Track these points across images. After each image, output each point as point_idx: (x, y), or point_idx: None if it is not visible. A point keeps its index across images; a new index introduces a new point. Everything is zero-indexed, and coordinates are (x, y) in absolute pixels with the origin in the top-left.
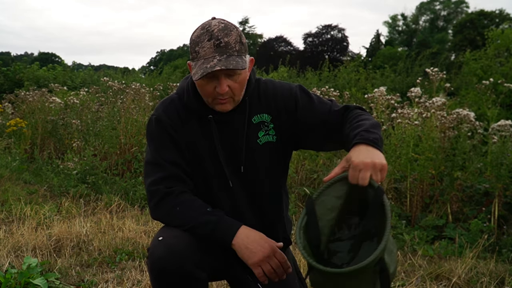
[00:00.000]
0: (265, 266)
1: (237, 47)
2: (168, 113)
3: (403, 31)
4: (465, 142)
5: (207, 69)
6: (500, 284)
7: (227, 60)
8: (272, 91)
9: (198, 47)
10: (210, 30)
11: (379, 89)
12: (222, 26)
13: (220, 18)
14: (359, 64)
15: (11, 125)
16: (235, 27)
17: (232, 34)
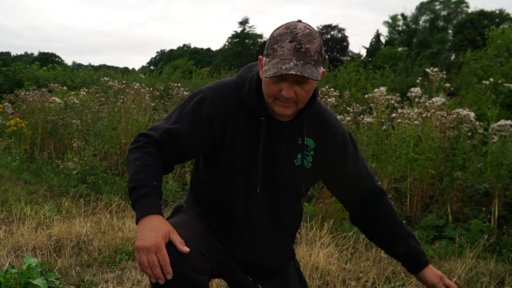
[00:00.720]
0: (143, 257)
1: (316, 57)
2: (217, 101)
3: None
4: (465, 142)
5: (281, 70)
6: (500, 284)
7: (303, 67)
8: (328, 122)
9: (277, 45)
10: (295, 32)
11: (379, 89)
12: (307, 32)
13: (306, 23)
14: (359, 64)
15: (11, 125)
16: (318, 36)
17: (315, 42)
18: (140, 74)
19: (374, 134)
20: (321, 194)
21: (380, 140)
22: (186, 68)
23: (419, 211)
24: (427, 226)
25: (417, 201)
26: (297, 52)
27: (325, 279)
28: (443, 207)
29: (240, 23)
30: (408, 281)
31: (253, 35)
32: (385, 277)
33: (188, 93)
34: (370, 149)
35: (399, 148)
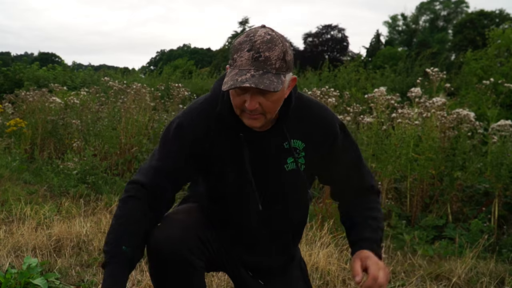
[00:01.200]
0: None
1: (278, 65)
2: (195, 124)
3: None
4: (465, 142)
5: (237, 83)
6: (500, 284)
7: (260, 78)
8: (314, 118)
9: (236, 54)
10: (253, 40)
11: (379, 89)
12: (267, 39)
13: (269, 28)
14: (359, 64)
15: (11, 125)
16: (281, 42)
17: (276, 49)
18: (140, 74)
19: (374, 134)
20: (321, 194)
21: (380, 140)
22: (186, 68)
23: (419, 211)
24: (427, 226)
25: (417, 201)
26: (255, 61)
27: (325, 279)
28: (443, 207)
29: (240, 23)
30: (408, 281)
31: None
32: None
33: (189, 93)
34: (370, 149)
35: (399, 148)
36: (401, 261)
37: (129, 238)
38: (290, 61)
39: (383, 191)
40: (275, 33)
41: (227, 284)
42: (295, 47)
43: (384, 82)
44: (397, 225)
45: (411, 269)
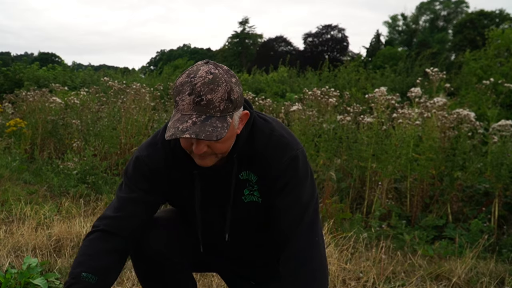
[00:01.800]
0: None
1: (222, 106)
2: (152, 158)
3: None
4: (465, 142)
5: (177, 132)
6: (500, 284)
7: (202, 125)
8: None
9: (178, 97)
10: (193, 83)
11: (380, 89)
12: (208, 79)
13: (212, 65)
14: (359, 64)
15: (11, 125)
16: (225, 81)
17: (219, 90)
18: (140, 74)
19: (374, 134)
20: (321, 194)
21: (380, 140)
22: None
23: (419, 211)
24: (427, 226)
25: (417, 201)
26: (197, 105)
27: None
28: (443, 207)
29: (240, 23)
30: (408, 281)
31: (253, 35)
32: (385, 277)
33: None
34: (370, 149)
35: (400, 148)
36: (401, 261)
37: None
38: (238, 98)
39: (383, 191)
40: (218, 70)
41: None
42: (295, 47)
43: (384, 82)
44: (397, 225)
45: (411, 269)
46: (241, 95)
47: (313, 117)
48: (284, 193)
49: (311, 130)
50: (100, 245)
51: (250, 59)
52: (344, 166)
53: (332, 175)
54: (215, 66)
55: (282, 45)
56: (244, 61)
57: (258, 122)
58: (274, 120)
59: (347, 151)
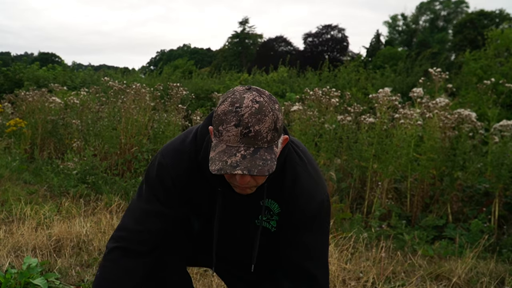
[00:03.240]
0: None
1: (270, 137)
2: (176, 167)
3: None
4: (466, 142)
5: (226, 167)
6: (500, 284)
7: (252, 159)
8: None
9: (222, 127)
10: (240, 113)
11: (384, 89)
12: (255, 109)
13: (255, 92)
14: (359, 64)
15: (11, 125)
16: (271, 109)
17: (266, 120)
18: (140, 74)
19: (376, 135)
20: None
21: (382, 140)
22: (186, 68)
23: (419, 211)
24: (427, 226)
25: (418, 201)
26: (244, 137)
27: None
28: (443, 207)
29: (240, 23)
30: (408, 281)
31: (253, 35)
32: (385, 277)
33: (187, 93)
34: (371, 149)
35: (400, 149)
36: (401, 261)
37: None
38: (281, 125)
39: (384, 191)
40: (262, 98)
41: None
42: (295, 47)
43: (384, 82)
44: (397, 225)
45: (411, 269)
46: (283, 120)
47: (313, 117)
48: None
49: (312, 130)
50: (121, 267)
51: (250, 59)
52: (344, 166)
53: (332, 175)
54: (258, 93)
55: (282, 45)
56: (244, 61)
57: (293, 156)
58: (306, 155)
59: (347, 151)
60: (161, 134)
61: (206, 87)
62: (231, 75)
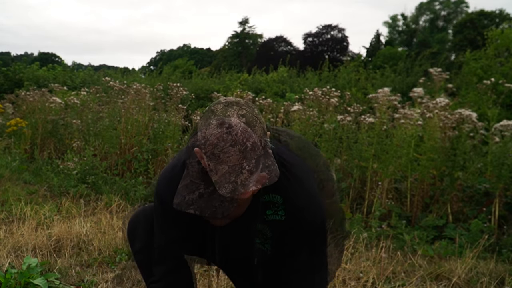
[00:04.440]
0: None
1: (263, 143)
2: (170, 194)
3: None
4: (466, 142)
5: (238, 188)
6: (500, 284)
7: (259, 172)
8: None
9: (217, 150)
10: (233, 133)
11: (383, 89)
12: (243, 124)
13: (235, 105)
14: (359, 64)
15: (11, 125)
16: (257, 117)
17: (256, 130)
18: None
19: (376, 135)
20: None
21: (382, 140)
22: (186, 68)
23: (419, 211)
24: (427, 226)
25: (418, 201)
26: (243, 153)
27: None
28: (443, 207)
29: (240, 23)
30: (408, 281)
31: (253, 35)
32: (385, 277)
33: (187, 93)
34: (371, 149)
35: (401, 149)
36: (401, 261)
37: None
38: (265, 127)
39: (384, 191)
40: (244, 109)
41: (227, 284)
42: (295, 47)
43: (384, 82)
44: (397, 225)
45: (411, 269)
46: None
47: (313, 117)
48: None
49: (312, 130)
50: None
51: (250, 59)
52: (344, 166)
53: (332, 175)
54: (238, 105)
55: (282, 45)
56: (244, 61)
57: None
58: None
59: (347, 151)
60: (161, 134)
61: (206, 87)
62: (231, 75)
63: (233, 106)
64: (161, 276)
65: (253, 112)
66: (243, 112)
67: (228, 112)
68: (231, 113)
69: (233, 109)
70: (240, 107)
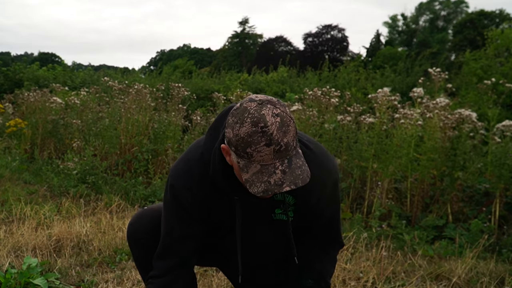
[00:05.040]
0: None
1: (295, 143)
2: (189, 188)
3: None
4: (466, 142)
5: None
6: (500, 284)
7: (291, 171)
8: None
9: (251, 149)
10: (268, 133)
11: (383, 89)
12: (278, 123)
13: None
14: (359, 64)
15: (11, 125)
16: (290, 117)
17: (290, 129)
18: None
19: (376, 135)
20: None
21: (382, 140)
22: (186, 68)
23: (420, 211)
24: (427, 226)
25: (418, 201)
26: (277, 153)
27: None
28: (443, 207)
29: (240, 23)
30: (408, 281)
31: (253, 35)
32: (385, 277)
33: (189, 93)
34: (371, 149)
35: (401, 149)
36: (401, 261)
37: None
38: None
39: (384, 191)
40: (278, 108)
41: (227, 284)
42: (295, 47)
43: (384, 82)
44: (397, 225)
45: (411, 269)
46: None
47: (313, 117)
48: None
49: (312, 130)
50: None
51: (250, 59)
52: (344, 166)
53: None
54: (272, 104)
55: (282, 45)
56: (244, 61)
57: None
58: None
59: (347, 151)
60: (162, 134)
61: (206, 87)
62: (231, 75)
63: (267, 105)
64: (163, 272)
65: (286, 112)
66: (277, 111)
67: (262, 110)
68: (266, 111)
69: (268, 107)
70: (275, 106)
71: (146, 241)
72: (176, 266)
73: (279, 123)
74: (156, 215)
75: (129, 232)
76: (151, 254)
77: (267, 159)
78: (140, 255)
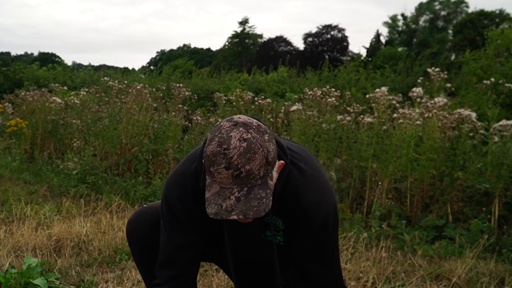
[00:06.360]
0: None
1: (262, 172)
2: (182, 200)
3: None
4: (466, 142)
5: (221, 212)
6: (500, 284)
7: (247, 200)
8: (301, 208)
9: (213, 168)
10: (229, 156)
11: (381, 89)
12: (243, 149)
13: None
14: (359, 64)
15: (11, 125)
16: (260, 145)
17: (256, 158)
18: (140, 74)
19: (375, 134)
20: None
21: (381, 140)
22: (186, 68)
23: (419, 211)
24: (427, 226)
25: (417, 201)
26: (236, 179)
27: None
28: (443, 207)
29: (240, 23)
30: (408, 281)
31: (253, 35)
32: (385, 277)
33: (190, 93)
34: (371, 149)
35: (400, 149)
36: (401, 261)
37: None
38: (274, 156)
39: (383, 191)
40: (250, 133)
41: (227, 284)
42: (295, 47)
43: (384, 82)
44: (397, 225)
45: (411, 269)
46: (275, 149)
47: (313, 117)
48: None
49: (311, 130)
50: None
51: (250, 59)
52: (344, 166)
53: (332, 175)
54: (245, 128)
55: (282, 45)
56: (244, 61)
57: (294, 175)
58: (309, 163)
59: (347, 151)
60: (162, 134)
61: (206, 87)
62: (231, 75)
63: (239, 128)
64: (165, 280)
65: (259, 139)
66: (247, 136)
67: (232, 132)
68: (234, 134)
69: (239, 130)
70: (247, 130)
71: (145, 239)
72: (177, 274)
73: (244, 148)
74: (155, 213)
75: (128, 229)
76: (150, 252)
77: (226, 182)
78: (139, 252)
